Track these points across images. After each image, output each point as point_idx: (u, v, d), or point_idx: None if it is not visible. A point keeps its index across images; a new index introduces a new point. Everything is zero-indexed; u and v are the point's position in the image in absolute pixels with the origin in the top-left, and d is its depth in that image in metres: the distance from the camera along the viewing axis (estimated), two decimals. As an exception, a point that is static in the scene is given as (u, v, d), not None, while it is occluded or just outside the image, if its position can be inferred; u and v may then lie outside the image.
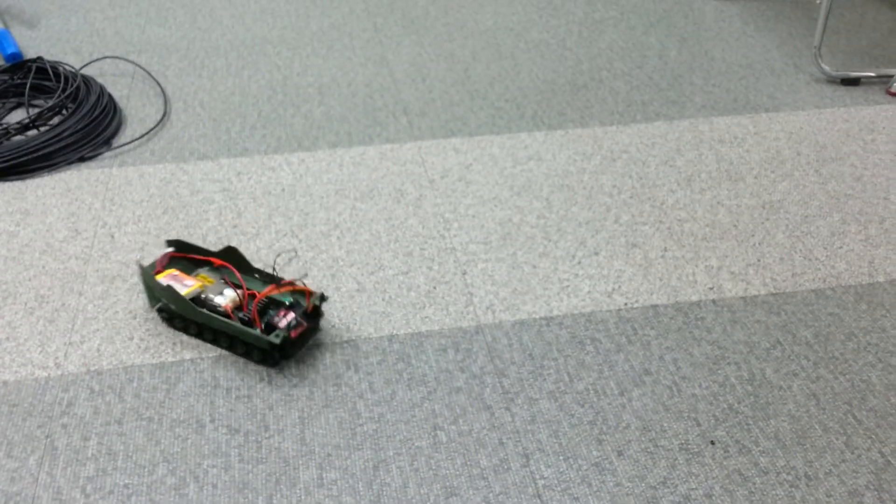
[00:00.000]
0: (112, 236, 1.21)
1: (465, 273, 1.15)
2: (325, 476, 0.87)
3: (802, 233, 1.23)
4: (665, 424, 0.93)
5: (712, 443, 0.91)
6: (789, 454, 0.89)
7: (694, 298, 1.10)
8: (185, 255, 1.09)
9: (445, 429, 0.92)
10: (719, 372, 0.99)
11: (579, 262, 1.16)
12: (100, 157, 1.40)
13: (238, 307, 1.00)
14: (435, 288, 1.12)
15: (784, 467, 0.88)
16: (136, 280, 1.12)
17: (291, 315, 0.98)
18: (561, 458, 0.89)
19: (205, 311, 0.98)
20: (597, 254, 1.18)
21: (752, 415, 0.94)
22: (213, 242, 1.19)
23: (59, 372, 0.99)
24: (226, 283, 1.04)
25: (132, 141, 1.44)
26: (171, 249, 1.09)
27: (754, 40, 1.83)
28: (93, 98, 1.48)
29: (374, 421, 0.93)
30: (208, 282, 1.04)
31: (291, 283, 1.03)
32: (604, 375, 0.98)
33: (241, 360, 1.00)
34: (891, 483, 0.86)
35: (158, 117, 1.51)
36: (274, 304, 1.01)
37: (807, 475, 0.87)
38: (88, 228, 1.23)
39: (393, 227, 1.23)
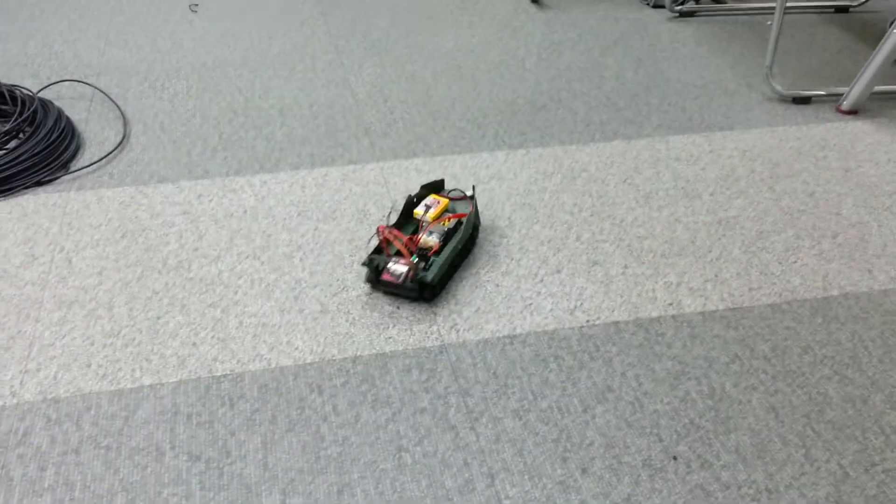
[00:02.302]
0: (70, 261, 1.19)
1: (428, 293, 1.15)
2: (289, 501, 0.86)
3: (758, 248, 1.25)
4: (628, 440, 0.93)
5: (675, 458, 0.92)
6: (750, 468, 0.91)
7: (654, 314, 1.12)
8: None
9: (410, 450, 0.92)
10: (680, 387, 1.00)
11: (542, 280, 1.17)
12: (57, 181, 1.38)
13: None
14: (399, 308, 1.12)
15: (745, 481, 0.89)
16: (94, 306, 1.11)
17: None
18: (526, 476, 0.89)
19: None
20: (559, 271, 1.19)
21: (713, 429, 0.95)
22: (173, 265, 1.18)
23: (15, 401, 0.97)
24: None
25: (91, 164, 1.42)
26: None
27: (708, 61, 1.87)
28: (50, 121, 1.46)
29: (339, 444, 0.92)
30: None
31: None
32: (567, 393, 0.99)
33: (203, 385, 0.99)
34: (850, 494, 0.88)
35: (118, 140, 1.49)
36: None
37: (768, 489, 0.88)
38: (45, 253, 1.21)
39: (356, 247, 1.23)
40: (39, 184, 1.36)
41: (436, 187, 1.29)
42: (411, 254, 1.14)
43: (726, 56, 1.90)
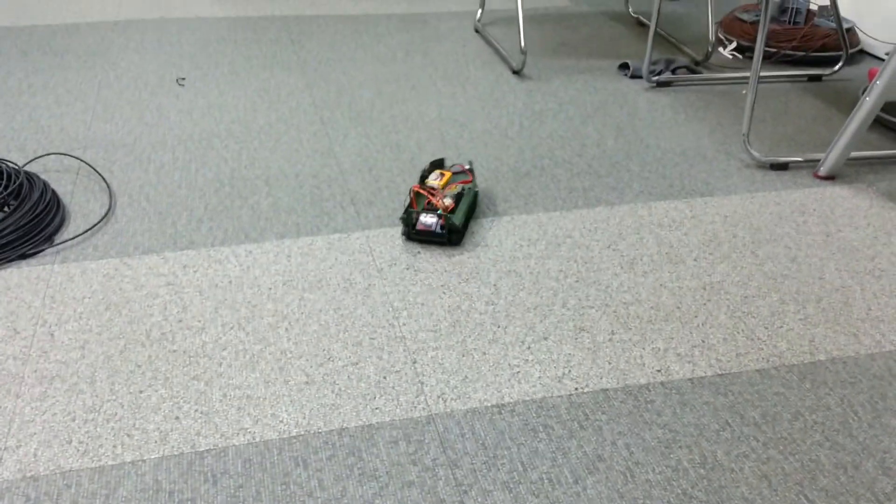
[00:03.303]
0: (52, 335, 1.18)
1: (415, 362, 1.14)
2: (274, 581, 0.83)
3: (743, 313, 1.26)
4: (620, 511, 0.92)
5: (668, 528, 0.90)
6: (744, 537, 0.89)
7: (643, 381, 1.11)
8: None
9: (398, 525, 0.90)
10: (671, 456, 0.99)
11: (529, 348, 1.17)
12: (41, 253, 1.37)
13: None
14: (385, 378, 1.11)
15: (740, 551, 0.87)
16: (76, 380, 1.09)
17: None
18: (517, 550, 0.87)
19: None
20: (546, 338, 1.19)
21: (706, 499, 0.94)
22: (156, 338, 1.17)
23: (-8, 480, 0.94)
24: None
25: (75, 237, 1.42)
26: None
27: (686, 128, 1.91)
28: (36, 194, 1.46)
29: (325, 520, 0.90)
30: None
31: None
32: (557, 463, 0.98)
33: (185, 461, 0.97)
34: (845, 562, 0.86)
35: (103, 212, 1.49)
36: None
37: (762, 558, 0.87)
38: (27, 328, 1.19)
39: (342, 317, 1.23)
40: (23, 257, 1.35)
41: (439, 164, 1.59)
42: (434, 208, 1.43)
43: (704, 124, 1.94)
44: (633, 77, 2.23)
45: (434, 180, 1.51)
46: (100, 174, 1.63)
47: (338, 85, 2.13)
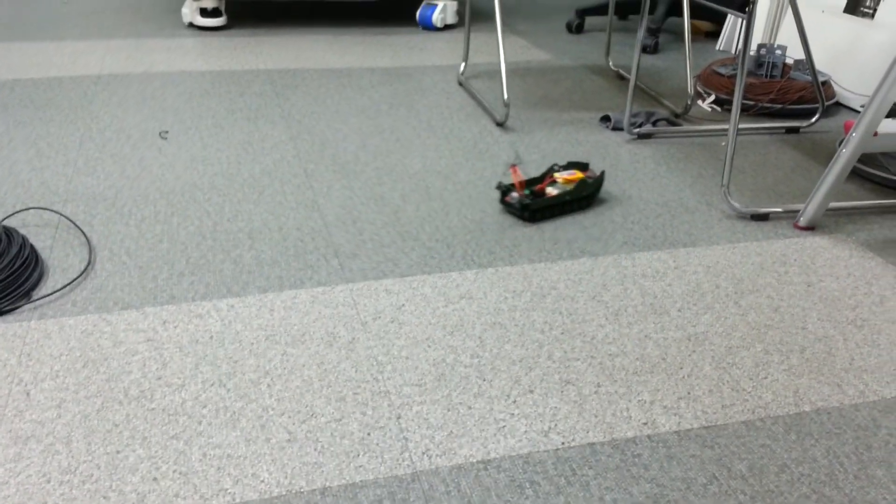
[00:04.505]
0: (28, 394, 1.15)
1: (399, 417, 1.12)
2: None
3: (728, 364, 1.25)
4: (609, 570, 0.90)
5: (658, 588, 0.88)
6: None
7: (629, 434, 1.10)
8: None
9: (382, 588, 0.87)
10: (659, 511, 0.98)
11: (514, 402, 1.16)
12: (19, 310, 1.35)
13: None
14: (369, 434, 1.09)
15: None
16: (51, 440, 1.06)
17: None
18: None
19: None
20: (531, 392, 1.18)
21: (695, 555, 0.92)
22: (134, 395, 1.15)
23: (-39, 546, 0.91)
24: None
25: (53, 292, 1.40)
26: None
27: (667, 180, 1.93)
28: (14, 250, 1.45)
29: (307, 584, 0.88)
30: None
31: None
32: (544, 521, 0.96)
33: (164, 523, 0.94)
34: None
35: (82, 267, 1.48)
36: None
37: None
38: (2, 386, 1.17)
39: (325, 371, 1.21)
40: (0, 313, 1.33)
41: (583, 166, 1.85)
42: (523, 187, 1.75)
43: (685, 175, 1.97)
44: (614, 129, 2.26)
45: (560, 174, 1.81)
46: (80, 228, 1.62)
47: (322, 137, 2.14)
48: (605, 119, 2.32)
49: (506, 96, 2.25)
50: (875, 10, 2.44)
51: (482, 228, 1.67)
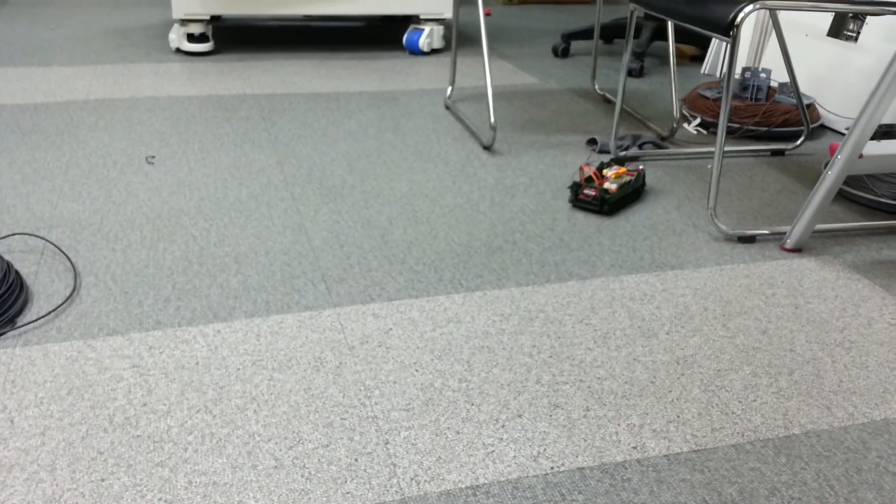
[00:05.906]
0: (11, 421, 1.14)
1: (387, 443, 1.11)
2: None
3: (717, 387, 1.25)
4: None
5: None
6: None
7: (619, 459, 1.10)
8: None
9: None
10: (650, 536, 0.97)
11: (503, 426, 1.15)
12: (3, 337, 1.34)
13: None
14: (357, 460, 1.08)
15: None
16: (35, 469, 1.05)
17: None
18: None
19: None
20: (520, 416, 1.17)
21: (686, 581, 0.91)
22: (119, 423, 1.13)
23: (-61, 579, 0.89)
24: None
25: (38, 319, 1.39)
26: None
27: (654, 203, 1.94)
28: (-2, 275, 1.43)
29: None
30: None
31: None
32: (534, 547, 0.95)
33: (148, 554, 0.93)
34: None
35: (67, 293, 1.47)
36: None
37: None
38: (-16, 414, 1.15)
39: (312, 397, 1.20)
40: (-17, 339, 1.32)
41: (621, 161, 2.02)
42: (596, 185, 1.89)
43: (671, 198, 1.98)
44: (601, 152, 2.28)
45: (608, 171, 1.93)
46: (65, 254, 1.61)
47: (309, 161, 2.14)
48: (592, 142, 2.33)
49: (493, 120, 2.26)
50: (858, 33, 2.48)
51: (469, 252, 1.66)
